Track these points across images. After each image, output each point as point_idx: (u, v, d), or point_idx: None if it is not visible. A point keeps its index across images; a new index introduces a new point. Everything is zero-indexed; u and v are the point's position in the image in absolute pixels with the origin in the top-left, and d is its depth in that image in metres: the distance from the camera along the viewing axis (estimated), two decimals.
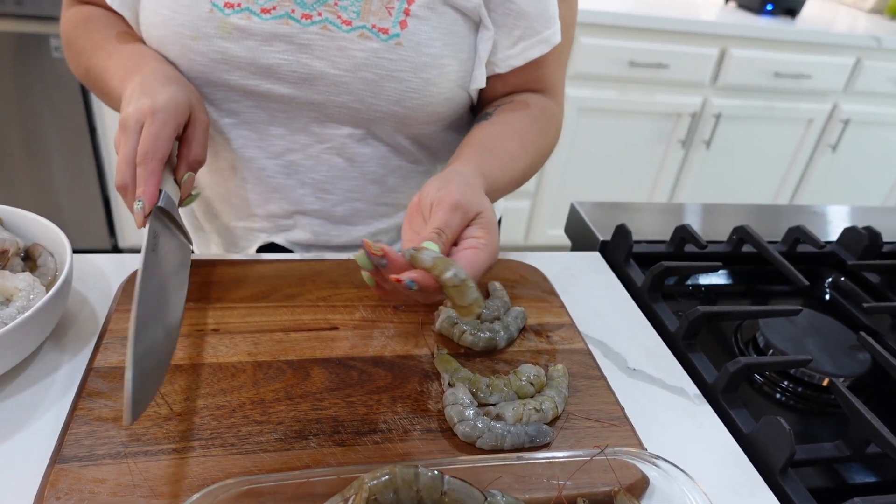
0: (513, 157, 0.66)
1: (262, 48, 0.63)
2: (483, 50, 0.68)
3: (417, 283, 0.45)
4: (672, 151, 2.39)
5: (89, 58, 0.69)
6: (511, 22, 0.67)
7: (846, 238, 0.91)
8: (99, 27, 0.70)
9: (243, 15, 0.62)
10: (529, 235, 2.47)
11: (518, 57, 0.69)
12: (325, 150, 0.71)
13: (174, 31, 0.63)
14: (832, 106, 2.45)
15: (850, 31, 2.35)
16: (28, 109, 1.87)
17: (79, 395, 0.50)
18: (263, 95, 0.67)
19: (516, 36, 0.68)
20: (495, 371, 0.59)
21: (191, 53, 0.64)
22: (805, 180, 2.64)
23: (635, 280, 0.77)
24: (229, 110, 0.69)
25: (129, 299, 0.60)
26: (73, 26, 0.72)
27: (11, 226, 0.61)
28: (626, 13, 2.06)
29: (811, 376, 0.67)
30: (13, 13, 1.71)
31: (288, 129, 0.69)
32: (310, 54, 0.63)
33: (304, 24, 0.63)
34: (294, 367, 0.55)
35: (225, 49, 0.63)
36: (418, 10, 0.63)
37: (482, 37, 0.68)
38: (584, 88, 2.14)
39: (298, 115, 0.68)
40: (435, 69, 0.65)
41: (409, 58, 0.64)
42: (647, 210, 0.99)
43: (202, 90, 0.67)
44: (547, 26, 0.68)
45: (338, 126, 0.69)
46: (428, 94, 0.66)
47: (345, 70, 0.64)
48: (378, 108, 0.66)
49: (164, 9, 0.63)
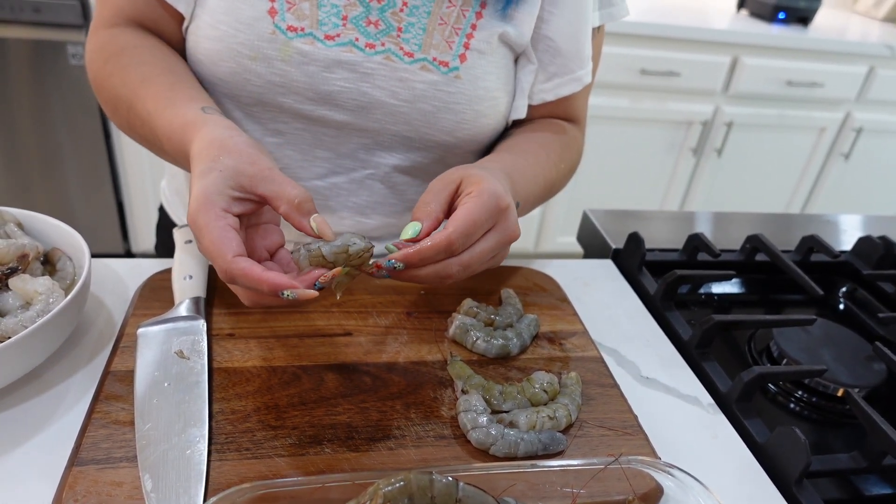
0: (536, 155, 0.67)
1: (322, 74, 0.63)
2: (526, 82, 0.71)
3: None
4: (683, 159, 2.39)
5: (128, 109, 0.62)
6: (548, 59, 0.70)
7: (861, 247, 0.91)
8: (132, 63, 0.63)
9: (307, 40, 0.62)
10: (540, 242, 2.47)
11: (550, 92, 0.71)
12: (368, 176, 0.71)
13: (232, 48, 0.61)
14: (845, 114, 2.44)
15: (863, 39, 2.34)
16: (44, 115, 1.90)
17: (96, 398, 0.51)
18: (316, 120, 0.66)
19: (551, 72, 0.70)
20: (508, 378, 0.59)
21: (247, 73, 0.62)
22: (817, 189, 2.62)
23: (648, 288, 0.77)
24: (276, 130, 0.68)
25: (145, 304, 0.61)
26: (102, 62, 0.65)
27: (31, 230, 0.62)
28: (638, 21, 2.06)
29: (826, 386, 0.67)
30: (32, 20, 1.73)
31: (334, 153, 0.69)
32: (371, 83, 0.64)
33: (368, 53, 0.63)
34: (308, 373, 0.56)
35: (284, 72, 0.62)
36: (476, 45, 0.65)
37: (525, 70, 0.70)
38: (595, 96, 2.12)
39: (347, 140, 0.68)
40: (488, 101, 0.67)
41: (465, 90, 0.65)
42: (660, 218, 0.99)
43: (251, 109, 0.66)
44: (581, 66, 0.71)
45: (385, 154, 0.69)
46: (479, 125, 0.68)
47: (404, 100, 0.65)
48: (431, 138, 0.67)
49: (223, 24, 0.61)
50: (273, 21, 0.61)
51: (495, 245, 0.51)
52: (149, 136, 0.61)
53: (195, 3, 0.64)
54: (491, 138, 0.72)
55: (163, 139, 0.57)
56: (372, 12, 0.63)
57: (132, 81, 0.61)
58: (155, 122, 0.57)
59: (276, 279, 0.43)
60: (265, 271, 0.43)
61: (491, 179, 0.52)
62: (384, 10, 0.63)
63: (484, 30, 0.65)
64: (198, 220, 0.45)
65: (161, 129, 0.57)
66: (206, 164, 0.48)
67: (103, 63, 0.64)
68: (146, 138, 0.62)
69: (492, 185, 0.51)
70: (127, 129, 0.65)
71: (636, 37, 2.08)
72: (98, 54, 0.65)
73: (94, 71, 0.66)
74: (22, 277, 0.54)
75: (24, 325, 0.50)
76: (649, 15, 2.21)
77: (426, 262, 0.48)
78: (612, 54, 2.08)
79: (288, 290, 0.43)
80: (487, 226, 0.50)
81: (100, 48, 0.65)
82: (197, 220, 0.45)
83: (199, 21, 0.63)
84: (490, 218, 0.50)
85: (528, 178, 0.64)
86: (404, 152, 0.70)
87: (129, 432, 0.48)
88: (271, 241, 0.50)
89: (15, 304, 0.53)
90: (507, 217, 0.51)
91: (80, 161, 2.00)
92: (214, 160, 0.48)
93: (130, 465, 0.45)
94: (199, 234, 0.45)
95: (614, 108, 2.20)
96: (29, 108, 1.88)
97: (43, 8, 1.73)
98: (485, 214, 0.49)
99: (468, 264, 0.49)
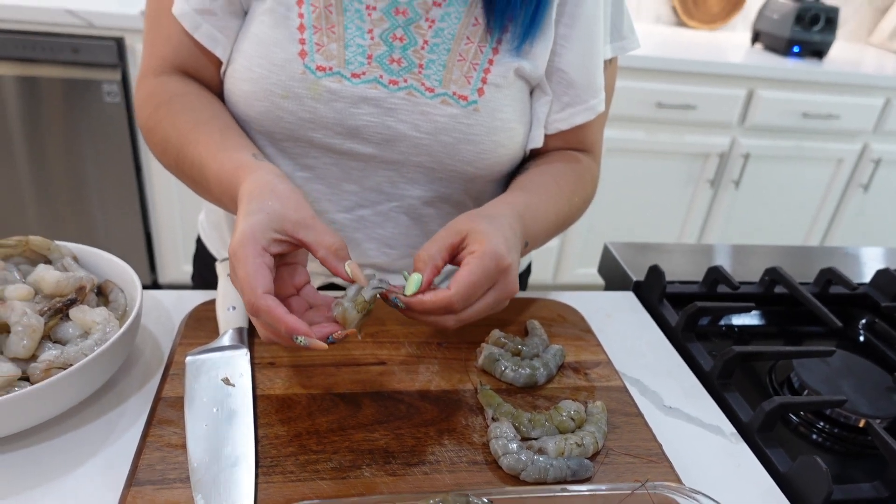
0: (549, 191, 0.70)
1: (350, 110, 0.67)
2: (542, 113, 0.74)
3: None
4: (701, 191, 2.41)
5: (178, 151, 0.66)
6: (561, 90, 0.73)
7: (879, 280, 0.92)
8: (182, 111, 0.67)
9: (335, 78, 0.66)
10: (559, 274, 2.49)
11: (565, 121, 0.75)
12: (393, 209, 0.75)
13: (265, 88, 0.66)
14: (862, 146, 2.45)
15: (878, 71, 2.37)
16: (78, 149, 1.97)
17: (149, 422, 0.54)
18: (344, 153, 0.70)
19: (565, 102, 0.74)
20: (536, 406, 0.61)
21: (279, 111, 0.67)
22: (837, 220, 2.62)
23: (669, 320, 0.79)
24: (306, 165, 0.72)
25: (191, 334, 0.64)
26: (154, 107, 0.69)
27: (85, 263, 0.66)
28: (653, 56, 2.11)
29: (847, 417, 0.68)
30: (71, 60, 1.81)
31: (361, 186, 0.73)
32: (394, 117, 0.68)
33: (392, 89, 0.67)
34: (346, 400, 0.59)
35: (314, 109, 0.67)
36: (494, 80, 0.69)
37: (541, 101, 0.74)
38: (612, 129, 2.18)
39: (374, 174, 0.72)
40: (505, 132, 0.71)
41: (484, 122, 0.69)
42: (679, 251, 1.01)
43: (282, 144, 0.70)
44: (593, 96, 0.74)
45: (409, 186, 0.73)
46: (497, 155, 0.71)
47: (426, 133, 0.68)
48: (452, 168, 0.71)
49: (258, 67, 0.66)
50: (303, 62, 0.66)
51: (493, 302, 0.56)
52: (197, 177, 0.65)
53: (232, 48, 0.69)
54: (510, 168, 0.76)
55: (212, 181, 0.62)
56: (395, 51, 0.67)
57: (182, 127, 0.66)
58: (206, 165, 0.62)
59: (294, 324, 0.48)
60: (287, 314, 0.48)
61: (494, 237, 0.56)
62: (406, 48, 0.67)
63: (500, 65, 0.69)
64: (238, 252, 0.50)
65: (211, 172, 0.61)
66: (254, 205, 0.52)
67: (154, 110, 0.69)
68: (194, 179, 0.67)
69: (494, 246, 0.55)
70: (175, 170, 0.69)
71: (652, 71, 2.13)
72: (148, 101, 0.70)
73: (145, 117, 0.70)
74: (81, 308, 0.57)
75: (84, 353, 0.54)
76: (664, 49, 2.26)
77: (426, 313, 0.54)
78: (629, 88, 2.13)
79: (303, 336, 0.48)
80: (487, 286, 0.55)
81: (149, 95, 0.70)
82: (237, 252, 0.50)
83: (235, 65, 0.69)
84: (490, 279, 0.55)
85: (539, 218, 0.67)
86: (427, 184, 0.73)
87: (181, 455, 0.51)
88: (299, 279, 0.56)
89: (74, 333, 0.57)
90: (506, 276, 0.56)
91: (111, 193, 2.06)
92: (262, 202, 0.52)
93: (184, 486, 0.48)
94: (236, 265, 0.50)
95: (631, 141, 2.24)
96: (61, 143, 1.95)
97: (81, 48, 1.81)
98: (485, 277, 0.54)
99: (465, 319, 0.55)
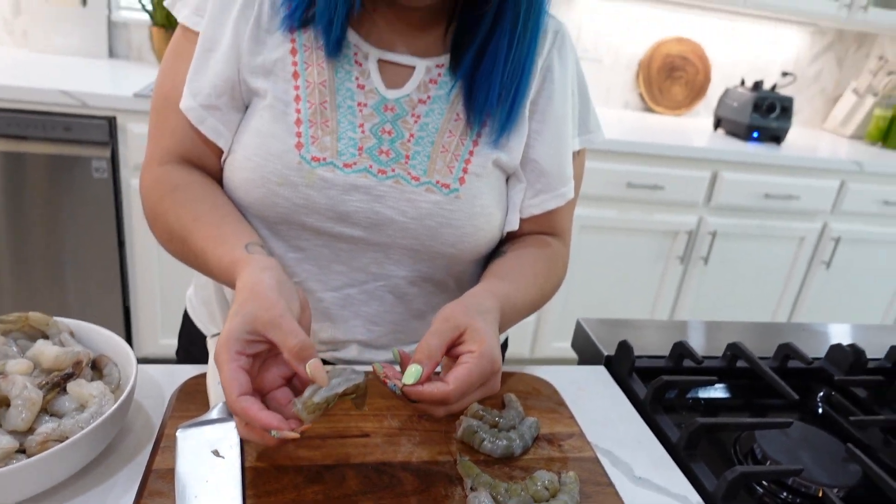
0: (525, 280, 0.76)
1: (341, 197, 0.73)
2: (517, 198, 0.81)
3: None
4: (671, 267, 2.50)
5: (182, 243, 0.72)
6: (534, 178, 0.81)
7: (833, 355, 0.98)
8: (185, 202, 0.72)
9: (328, 168, 0.72)
10: (535, 348, 2.52)
11: (537, 206, 0.82)
12: (379, 288, 0.79)
13: (262, 176, 0.71)
14: (822, 225, 2.57)
15: (832, 155, 2.52)
16: (63, 221, 2.00)
17: (140, 494, 0.56)
18: (334, 236, 0.75)
19: (537, 189, 0.81)
20: (512, 477, 0.64)
21: (275, 198, 0.72)
22: (802, 296, 2.72)
23: (638, 393, 0.83)
24: (297, 246, 0.77)
25: (182, 406, 0.67)
26: (158, 197, 0.74)
27: (81, 338, 0.69)
28: (624, 140, 2.23)
29: (807, 487, 0.72)
30: (63, 138, 1.87)
31: (349, 266, 0.78)
32: (382, 203, 0.74)
33: (380, 178, 0.73)
34: (331, 472, 0.61)
35: (308, 196, 0.72)
36: (474, 169, 0.76)
37: (516, 188, 0.81)
38: (586, 208, 2.28)
39: (362, 255, 0.77)
40: (484, 217, 0.77)
41: (465, 209, 0.75)
42: (650, 326, 1.06)
43: (276, 227, 0.75)
44: (563, 184, 0.82)
45: (395, 267, 0.78)
46: (477, 238, 0.77)
47: (411, 218, 0.74)
48: (435, 250, 0.77)
49: (256, 157, 0.72)
50: (299, 153, 0.72)
51: (478, 396, 0.62)
52: (202, 266, 0.72)
53: (233, 140, 0.75)
54: (488, 249, 0.82)
55: (214, 272, 0.68)
56: (384, 143, 0.74)
57: (184, 219, 0.71)
58: (207, 258, 0.69)
59: (266, 420, 0.52)
60: (261, 412, 0.53)
61: (491, 338, 0.61)
62: (394, 141, 0.74)
63: (480, 156, 0.76)
64: (218, 358, 0.55)
65: (213, 264, 0.68)
66: (236, 307, 0.58)
67: (158, 200, 0.74)
68: (199, 267, 0.73)
69: (490, 349, 0.60)
70: (181, 257, 0.75)
71: (623, 154, 2.25)
72: (153, 191, 0.75)
73: (150, 206, 0.76)
74: (78, 382, 0.60)
75: (80, 425, 0.56)
76: (634, 133, 2.40)
77: (423, 402, 0.58)
78: (601, 169, 2.24)
79: (275, 430, 0.52)
80: (480, 384, 0.60)
81: (155, 182, 0.75)
82: (218, 357, 0.55)
83: (235, 155, 0.75)
84: (484, 379, 0.60)
85: (516, 308, 0.73)
86: (412, 265, 0.78)
87: None
88: (287, 369, 0.59)
89: (71, 406, 0.59)
90: (496, 377, 0.62)
91: (92, 266, 2.08)
92: (242, 305, 0.57)
93: None
94: (219, 369, 0.54)
95: (604, 219, 2.33)
96: (48, 215, 1.98)
97: (73, 126, 1.87)
98: (480, 377, 0.59)
99: (453, 410, 0.60)
